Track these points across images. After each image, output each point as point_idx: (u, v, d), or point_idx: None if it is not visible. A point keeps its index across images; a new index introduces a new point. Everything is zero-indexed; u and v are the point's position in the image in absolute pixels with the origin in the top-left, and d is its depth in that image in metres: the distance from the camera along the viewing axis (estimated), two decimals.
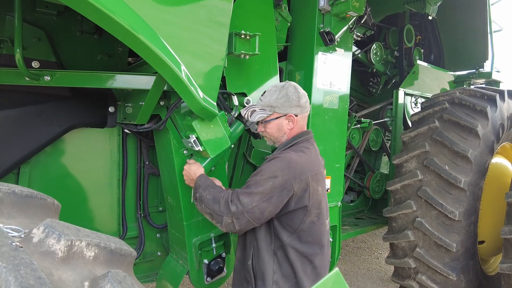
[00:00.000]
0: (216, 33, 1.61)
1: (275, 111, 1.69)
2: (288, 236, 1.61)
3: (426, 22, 4.33)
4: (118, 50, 2.15)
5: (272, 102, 1.69)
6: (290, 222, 1.61)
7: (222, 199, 1.58)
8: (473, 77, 4.31)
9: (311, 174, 1.60)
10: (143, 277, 2.32)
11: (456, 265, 2.64)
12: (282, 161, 1.58)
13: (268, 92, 1.73)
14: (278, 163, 1.58)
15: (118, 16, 1.19)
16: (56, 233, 0.76)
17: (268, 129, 1.74)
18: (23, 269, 0.59)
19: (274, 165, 1.58)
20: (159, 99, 1.79)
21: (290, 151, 1.66)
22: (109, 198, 2.19)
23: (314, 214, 1.63)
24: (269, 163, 1.61)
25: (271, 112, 1.70)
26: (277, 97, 1.68)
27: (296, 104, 1.69)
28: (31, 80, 1.62)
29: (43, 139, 1.87)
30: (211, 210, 1.60)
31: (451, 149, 2.70)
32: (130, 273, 0.98)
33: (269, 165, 1.60)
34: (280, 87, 1.72)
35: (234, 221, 1.54)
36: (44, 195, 1.02)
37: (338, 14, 2.30)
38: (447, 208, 2.61)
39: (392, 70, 4.14)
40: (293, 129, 1.72)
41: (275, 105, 1.68)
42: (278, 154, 1.65)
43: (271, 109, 1.70)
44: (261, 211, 1.53)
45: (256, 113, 1.71)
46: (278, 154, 1.65)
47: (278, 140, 1.75)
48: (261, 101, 1.73)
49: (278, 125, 1.72)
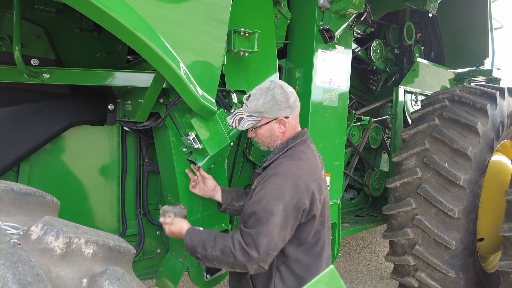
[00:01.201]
0: (215, 31, 1.61)
1: (264, 116, 1.57)
2: (294, 249, 1.53)
3: (427, 20, 4.32)
4: (117, 47, 2.15)
5: (259, 107, 1.55)
6: (298, 235, 1.52)
7: (234, 248, 1.40)
8: (474, 74, 4.30)
9: (315, 185, 1.52)
10: (143, 274, 2.33)
11: (455, 262, 2.64)
12: (286, 179, 1.46)
13: (253, 96, 1.59)
14: (280, 181, 1.45)
15: (116, 13, 1.18)
16: (54, 231, 0.77)
17: (259, 135, 1.63)
18: (21, 266, 0.59)
19: (276, 184, 1.45)
20: (158, 96, 1.79)
21: (288, 161, 1.53)
22: (108, 195, 2.20)
23: (318, 222, 1.56)
24: (270, 183, 1.46)
25: (259, 118, 1.57)
26: (264, 101, 1.55)
27: (285, 105, 1.57)
28: (30, 77, 1.62)
29: (42, 137, 1.87)
30: (228, 263, 1.43)
31: (450, 147, 2.70)
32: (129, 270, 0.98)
33: (270, 185, 1.46)
34: (265, 89, 1.58)
35: (261, 264, 1.40)
36: (43, 192, 1.02)
37: (338, 11, 2.29)
38: (446, 205, 2.61)
39: (392, 67, 4.13)
40: (286, 131, 1.62)
41: (263, 110, 1.56)
42: (275, 166, 1.53)
43: (259, 115, 1.57)
44: (284, 240, 1.44)
45: (244, 121, 1.59)
46: (275, 166, 1.54)
47: (272, 145, 1.65)
48: (247, 106, 1.58)
49: (269, 130, 1.61)
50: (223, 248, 1.42)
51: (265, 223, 1.38)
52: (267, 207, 1.40)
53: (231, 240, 1.42)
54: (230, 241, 1.42)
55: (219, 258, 1.43)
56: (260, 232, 1.37)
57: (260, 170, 1.67)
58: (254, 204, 1.45)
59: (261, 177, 1.56)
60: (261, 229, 1.38)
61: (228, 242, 1.42)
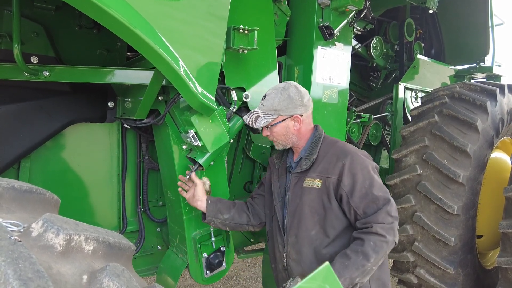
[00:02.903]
0: (214, 27, 1.60)
1: (280, 114, 1.68)
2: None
3: (427, 16, 4.30)
4: (117, 45, 2.15)
5: (275, 106, 1.67)
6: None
7: (384, 237, 1.47)
8: (474, 71, 4.29)
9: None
10: (144, 271, 2.34)
11: (454, 259, 2.65)
12: (357, 155, 1.62)
13: (269, 95, 1.70)
14: (358, 158, 1.61)
15: (114, 11, 1.18)
16: (55, 228, 0.78)
17: (274, 133, 1.73)
18: (22, 262, 0.60)
19: (359, 163, 1.60)
20: (157, 94, 1.80)
21: (341, 144, 1.70)
22: (109, 192, 2.21)
23: None
24: (354, 164, 1.59)
25: (275, 116, 1.68)
26: (279, 100, 1.66)
27: (300, 104, 1.68)
28: (30, 75, 1.62)
29: (43, 134, 1.88)
30: (382, 255, 1.49)
31: (450, 144, 2.70)
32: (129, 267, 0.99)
33: (355, 165, 1.59)
34: (280, 89, 1.70)
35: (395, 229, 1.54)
36: (43, 190, 1.03)
37: (338, 8, 2.29)
38: (445, 202, 2.61)
39: (392, 64, 4.12)
40: (301, 129, 1.73)
41: (279, 108, 1.67)
42: (339, 154, 1.64)
43: (275, 113, 1.68)
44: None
45: (261, 119, 1.69)
46: (339, 153, 1.64)
47: (288, 142, 1.75)
48: (263, 105, 1.70)
49: (284, 128, 1.71)
50: (373, 248, 1.46)
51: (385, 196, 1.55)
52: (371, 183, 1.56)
53: (373, 236, 1.48)
54: (374, 237, 1.47)
55: (377, 259, 1.47)
56: (391, 203, 1.54)
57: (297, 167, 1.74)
58: (368, 196, 1.55)
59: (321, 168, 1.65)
60: (388, 202, 1.54)
61: (371, 240, 1.47)
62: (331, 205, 1.61)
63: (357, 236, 1.53)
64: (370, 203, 1.54)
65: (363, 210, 1.54)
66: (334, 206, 1.61)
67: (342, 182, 1.57)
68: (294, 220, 1.69)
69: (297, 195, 1.69)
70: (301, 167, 1.70)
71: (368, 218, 1.52)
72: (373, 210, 1.52)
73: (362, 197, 1.55)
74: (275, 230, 1.81)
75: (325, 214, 1.62)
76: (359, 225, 1.55)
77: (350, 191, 1.56)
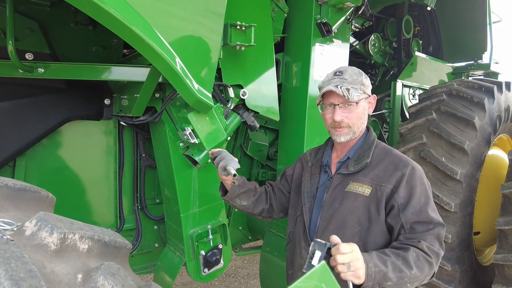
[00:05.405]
0: (211, 24, 1.59)
1: (365, 91, 1.42)
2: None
3: (425, 13, 4.29)
4: (113, 41, 2.13)
5: (363, 80, 1.41)
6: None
7: (430, 257, 1.30)
8: (472, 68, 4.29)
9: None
10: (141, 269, 2.34)
11: (451, 255, 2.66)
12: (418, 168, 1.42)
13: (346, 71, 1.43)
14: (419, 172, 1.41)
15: (110, 7, 1.17)
16: (48, 226, 0.77)
17: (354, 114, 1.42)
18: (14, 262, 0.59)
19: (419, 177, 1.40)
20: (154, 91, 1.78)
21: (393, 151, 1.47)
22: (106, 190, 2.20)
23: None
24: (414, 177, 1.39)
25: (361, 91, 1.41)
26: (364, 75, 1.44)
27: (369, 84, 1.47)
28: (24, 72, 1.61)
29: (38, 132, 1.86)
30: (426, 274, 1.31)
31: (448, 141, 2.70)
32: (125, 265, 0.98)
33: (415, 178, 1.39)
34: (346, 67, 1.47)
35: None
36: (38, 188, 1.02)
37: (335, 4, 2.27)
38: (443, 199, 2.62)
39: (390, 61, 4.12)
40: (366, 117, 1.49)
41: (366, 84, 1.42)
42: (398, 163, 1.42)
43: (361, 88, 1.41)
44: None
45: (353, 91, 1.38)
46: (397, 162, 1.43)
47: (357, 129, 1.46)
48: (345, 79, 1.40)
49: (364, 109, 1.44)
50: (415, 261, 1.28)
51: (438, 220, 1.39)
52: (427, 204, 1.38)
53: (418, 250, 1.31)
54: (418, 251, 1.31)
55: (416, 276, 1.28)
56: (443, 228, 1.38)
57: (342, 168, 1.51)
58: (421, 214, 1.37)
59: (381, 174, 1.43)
60: (441, 226, 1.38)
61: (415, 252, 1.30)
62: (379, 217, 1.40)
63: (398, 245, 1.34)
64: (421, 221, 1.36)
65: (412, 226, 1.36)
66: (382, 219, 1.41)
67: (397, 193, 1.38)
68: (329, 226, 1.46)
69: (337, 198, 1.47)
70: (348, 168, 1.48)
71: (415, 234, 1.35)
72: (422, 229, 1.36)
73: (415, 214, 1.37)
74: (299, 233, 1.59)
75: (369, 226, 1.41)
76: (403, 238, 1.36)
77: (403, 204, 1.37)
